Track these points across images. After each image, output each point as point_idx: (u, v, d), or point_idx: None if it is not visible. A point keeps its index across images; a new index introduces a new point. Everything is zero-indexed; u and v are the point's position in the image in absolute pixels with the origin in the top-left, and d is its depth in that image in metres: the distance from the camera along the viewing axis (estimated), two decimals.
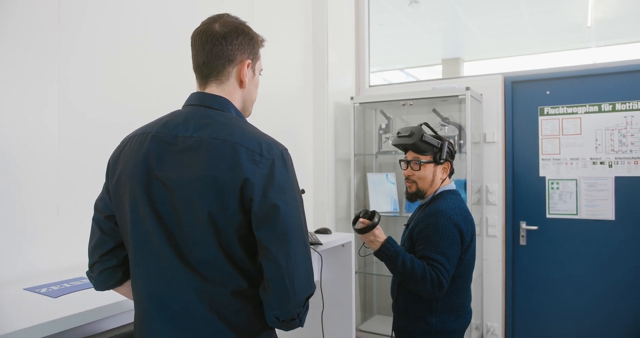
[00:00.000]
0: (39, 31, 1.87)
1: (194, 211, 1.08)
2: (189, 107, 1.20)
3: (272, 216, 1.06)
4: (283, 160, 1.11)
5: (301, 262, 1.10)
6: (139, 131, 1.20)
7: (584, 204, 3.33)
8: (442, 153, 2.07)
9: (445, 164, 2.10)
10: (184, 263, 1.10)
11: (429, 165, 2.08)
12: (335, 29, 3.75)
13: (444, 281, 1.86)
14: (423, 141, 2.05)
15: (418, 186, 2.10)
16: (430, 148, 2.07)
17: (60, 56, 1.93)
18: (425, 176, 2.08)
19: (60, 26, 1.93)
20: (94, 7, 2.07)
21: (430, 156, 2.08)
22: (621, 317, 3.23)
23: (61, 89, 1.94)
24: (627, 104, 3.22)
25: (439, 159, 2.07)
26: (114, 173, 1.20)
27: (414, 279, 1.86)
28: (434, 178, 2.08)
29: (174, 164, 1.11)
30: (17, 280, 1.75)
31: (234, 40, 1.19)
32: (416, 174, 2.09)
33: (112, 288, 1.30)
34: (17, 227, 1.80)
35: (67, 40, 1.96)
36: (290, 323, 1.13)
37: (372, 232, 1.93)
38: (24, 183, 1.82)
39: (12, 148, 1.78)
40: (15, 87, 1.79)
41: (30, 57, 1.84)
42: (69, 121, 1.96)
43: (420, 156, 2.09)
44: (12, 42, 1.78)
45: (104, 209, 1.24)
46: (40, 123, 1.87)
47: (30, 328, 1.25)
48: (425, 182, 2.09)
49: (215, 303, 1.10)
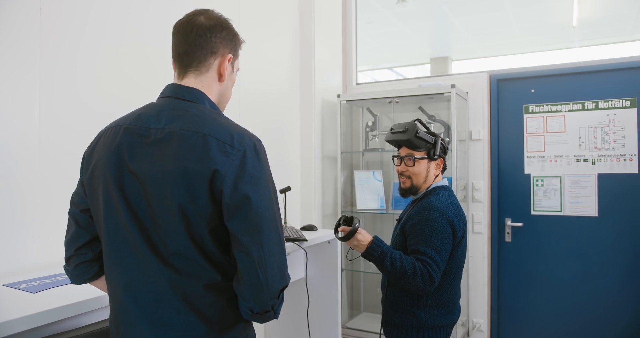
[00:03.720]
0: (22, 30, 1.85)
1: (165, 203, 1.07)
2: (163, 100, 1.20)
3: (244, 207, 1.06)
4: (255, 151, 1.11)
5: (274, 253, 1.09)
6: (112, 124, 1.20)
7: (568, 201, 3.35)
8: (436, 149, 2.07)
9: (438, 161, 2.10)
10: (157, 256, 1.09)
11: (423, 161, 2.08)
12: (322, 26, 3.75)
13: (435, 276, 1.86)
14: (417, 137, 2.05)
15: (412, 182, 2.10)
16: (424, 144, 2.07)
17: (42, 56, 1.92)
18: (419, 172, 2.08)
19: (41, 26, 1.92)
20: (76, 6, 2.06)
21: (424, 152, 2.08)
22: (605, 312, 3.26)
23: (43, 88, 1.92)
24: (610, 102, 3.25)
25: (433, 155, 2.07)
26: (88, 166, 1.19)
27: (404, 276, 1.85)
28: (427, 173, 2.09)
29: (146, 156, 1.10)
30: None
31: (218, 34, 1.19)
32: (410, 170, 2.09)
33: (88, 281, 1.29)
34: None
35: (49, 40, 1.95)
36: (264, 316, 1.12)
37: (355, 237, 1.93)
38: (4, 180, 1.80)
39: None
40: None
41: (12, 56, 1.82)
42: (50, 118, 1.94)
43: (414, 152, 2.09)
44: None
45: (80, 203, 1.23)
46: (22, 120, 1.85)
47: (5, 323, 1.24)
48: (419, 178, 2.09)
49: (188, 295, 1.09)
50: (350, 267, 3.95)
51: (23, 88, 1.87)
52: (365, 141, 3.82)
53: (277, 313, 1.14)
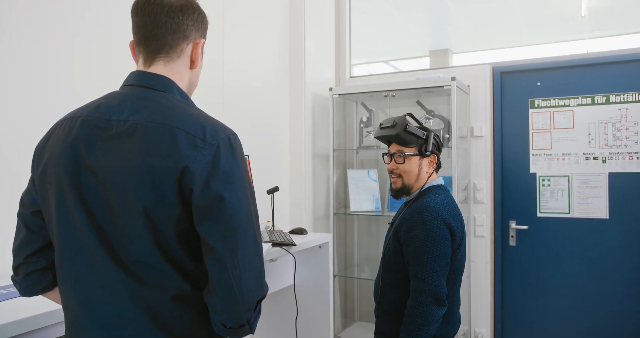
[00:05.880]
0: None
1: (127, 204, 1.01)
2: (126, 88, 1.13)
3: (216, 208, 1.00)
4: (230, 146, 1.04)
5: (250, 260, 1.03)
6: (68, 116, 1.13)
7: (576, 202, 3.31)
8: (428, 144, 2.02)
9: (431, 157, 2.05)
10: (117, 264, 1.03)
11: (414, 158, 2.03)
12: (313, 15, 3.69)
13: (439, 291, 1.84)
14: (407, 132, 2.00)
15: (403, 181, 2.06)
16: (415, 140, 2.02)
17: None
18: (410, 169, 2.03)
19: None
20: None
21: (415, 148, 2.04)
22: (616, 320, 3.21)
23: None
24: (622, 96, 3.20)
25: (425, 152, 2.02)
26: (40, 162, 1.12)
27: (425, 323, 1.83)
28: (419, 171, 2.04)
29: (106, 151, 1.04)
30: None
31: (190, 16, 1.13)
32: (400, 168, 2.05)
33: (40, 293, 1.21)
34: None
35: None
36: (238, 330, 1.06)
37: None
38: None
39: None
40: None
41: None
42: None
43: (404, 148, 2.05)
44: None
45: (31, 204, 1.17)
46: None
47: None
48: (410, 176, 2.04)
49: (152, 308, 1.03)
50: (343, 273, 3.89)
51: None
52: (360, 138, 3.77)
53: (252, 327, 1.08)
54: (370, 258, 3.89)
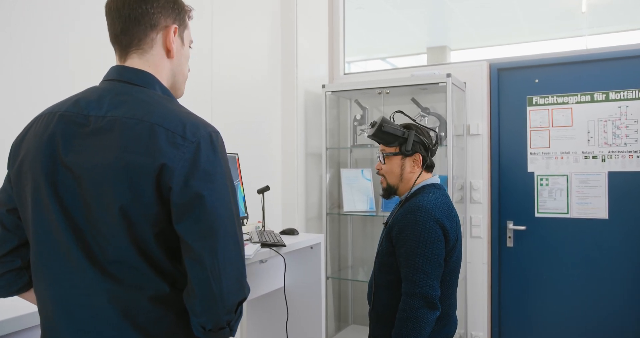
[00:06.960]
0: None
1: (104, 202, 1.01)
2: (106, 83, 1.13)
3: (196, 207, 1.00)
4: (211, 143, 1.04)
5: (231, 261, 1.03)
6: (46, 111, 1.13)
7: (575, 202, 3.31)
8: (408, 143, 2.01)
9: (415, 157, 2.03)
10: (94, 264, 1.03)
11: (395, 157, 2.04)
12: (306, 10, 3.68)
13: (431, 294, 1.83)
14: (383, 132, 2.00)
15: (387, 181, 2.08)
16: (394, 139, 2.02)
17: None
18: (391, 169, 2.05)
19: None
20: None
21: (396, 148, 2.04)
22: (616, 324, 3.21)
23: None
24: (622, 93, 3.20)
25: (405, 151, 2.01)
26: (16, 159, 1.12)
27: (416, 327, 1.82)
28: (402, 171, 2.04)
29: (84, 148, 1.04)
30: None
31: (154, 3, 1.13)
32: (383, 168, 2.07)
33: (16, 293, 1.21)
34: None
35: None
36: (218, 333, 1.05)
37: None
38: None
39: None
40: None
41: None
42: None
43: (386, 148, 2.07)
44: None
45: (6, 202, 1.16)
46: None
47: None
48: (392, 176, 2.06)
49: (130, 309, 1.02)
50: (337, 275, 3.89)
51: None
52: (353, 136, 3.76)
53: (233, 330, 1.08)
54: (364, 260, 3.89)
